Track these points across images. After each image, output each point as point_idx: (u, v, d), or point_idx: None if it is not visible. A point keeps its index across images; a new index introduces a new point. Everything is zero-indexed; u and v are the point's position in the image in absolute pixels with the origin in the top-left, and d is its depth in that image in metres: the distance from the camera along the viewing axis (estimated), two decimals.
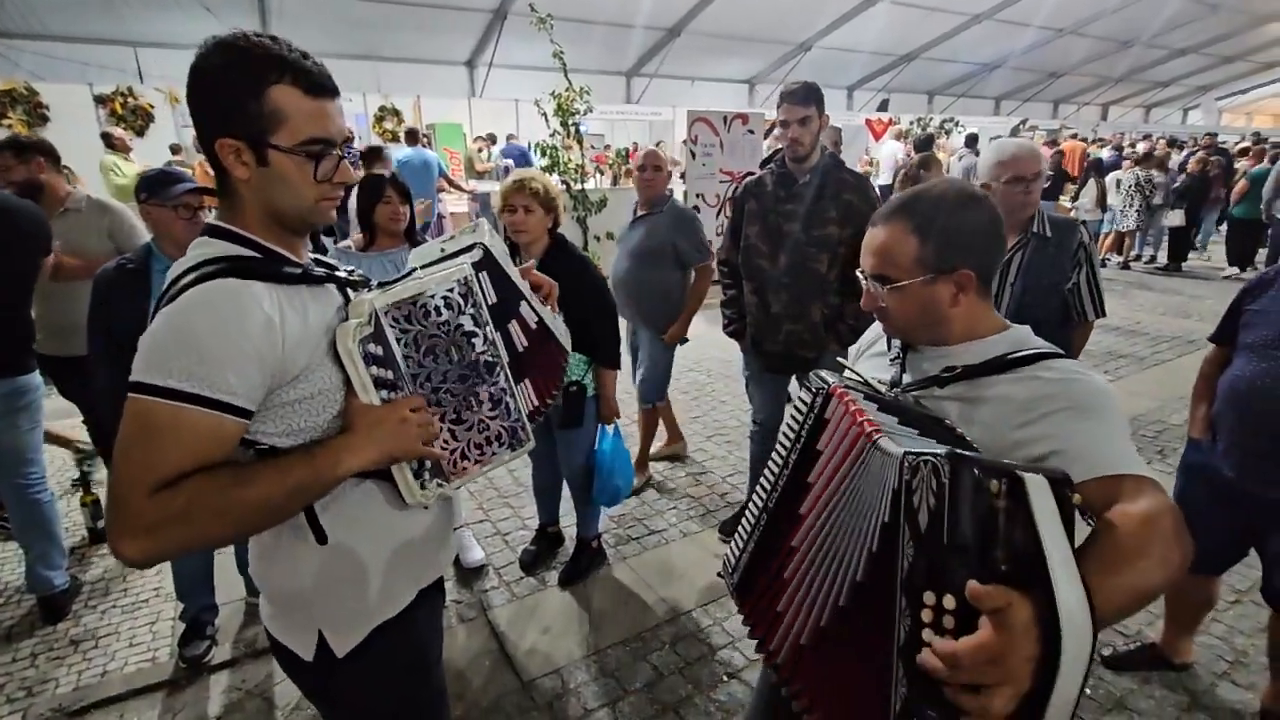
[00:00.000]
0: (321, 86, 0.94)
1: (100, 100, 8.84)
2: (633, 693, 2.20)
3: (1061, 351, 1.04)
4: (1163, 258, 9.53)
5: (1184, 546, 0.83)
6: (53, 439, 3.33)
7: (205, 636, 2.36)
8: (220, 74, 0.89)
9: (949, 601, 0.70)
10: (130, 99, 8.88)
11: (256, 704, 2.17)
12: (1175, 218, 9.05)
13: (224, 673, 2.30)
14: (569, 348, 1.36)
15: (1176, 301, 7.52)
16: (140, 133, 8.15)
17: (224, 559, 2.52)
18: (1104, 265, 9.46)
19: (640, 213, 3.25)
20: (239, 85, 0.89)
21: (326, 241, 3.73)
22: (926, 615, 0.72)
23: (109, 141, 6.73)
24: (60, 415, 4.20)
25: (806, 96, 2.37)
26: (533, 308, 1.28)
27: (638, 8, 12.18)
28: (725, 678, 2.25)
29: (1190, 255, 9.58)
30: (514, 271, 1.25)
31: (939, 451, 0.74)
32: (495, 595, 2.68)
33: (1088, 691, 2.18)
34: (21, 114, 8.24)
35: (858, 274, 1.13)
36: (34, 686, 2.24)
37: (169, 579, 2.52)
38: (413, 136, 7.55)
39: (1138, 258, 9.79)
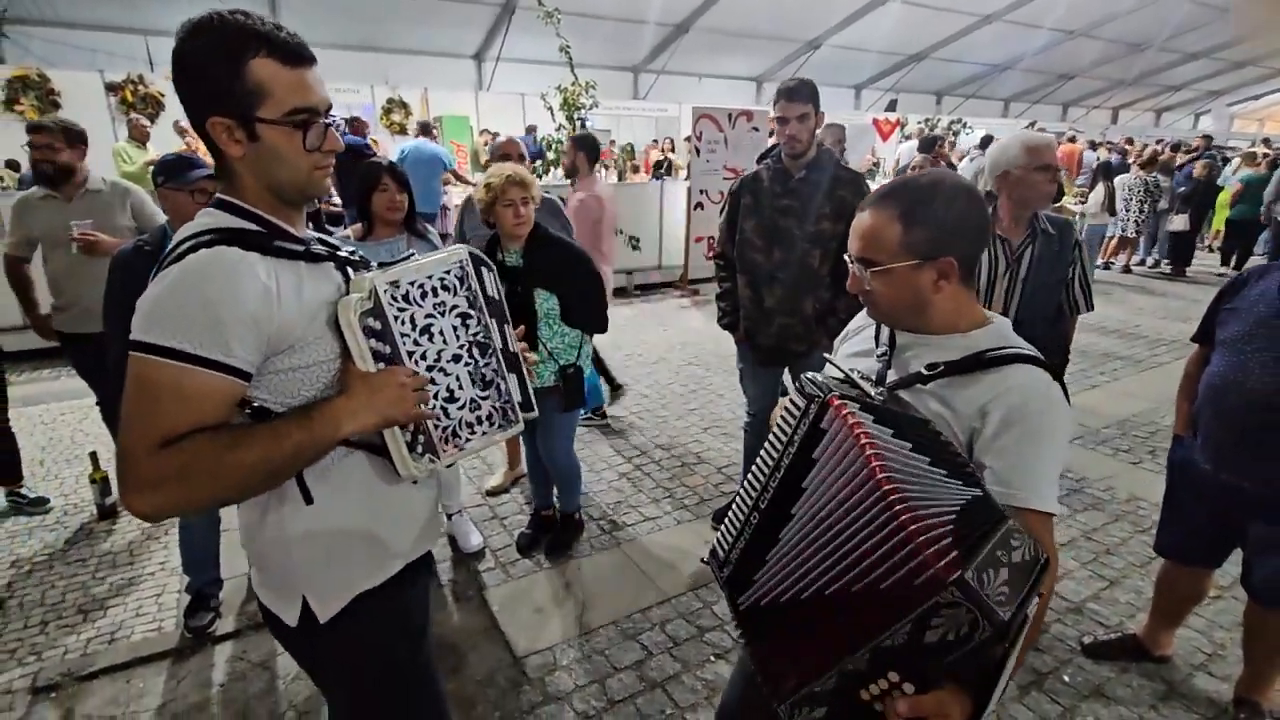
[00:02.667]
0: (298, 56, 0.96)
1: (111, 88, 8.91)
2: (621, 670, 2.26)
3: (1039, 356, 1.09)
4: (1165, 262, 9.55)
5: (1049, 588, 1.00)
6: None
7: (210, 609, 2.44)
8: (200, 55, 0.92)
9: (908, 688, 0.89)
10: (141, 87, 8.96)
11: (259, 674, 2.25)
12: (1179, 222, 9.05)
13: (227, 644, 2.38)
14: (517, 416, 1.31)
15: (1178, 305, 7.54)
16: (151, 120, 8.21)
17: (229, 535, 2.59)
18: (1106, 269, 9.48)
19: None
20: (220, 64, 0.92)
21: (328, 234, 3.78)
22: (883, 683, 0.91)
23: (130, 130, 6.81)
24: (74, 395, 4.31)
25: (803, 93, 2.42)
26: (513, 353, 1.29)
27: (646, 3, 12.20)
28: (713, 658, 2.32)
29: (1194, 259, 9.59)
30: (508, 321, 1.26)
31: (982, 603, 0.81)
32: (491, 576, 2.75)
33: (1066, 679, 2.24)
34: (33, 100, 8.31)
35: (845, 257, 1.18)
36: (44, 653, 2.31)
37: (174, 553, 2.59)
38: (425, 129, 7.68)
39: (1141, 262, 9.79)
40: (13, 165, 6.87)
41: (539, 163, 9.42)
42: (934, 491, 0.91)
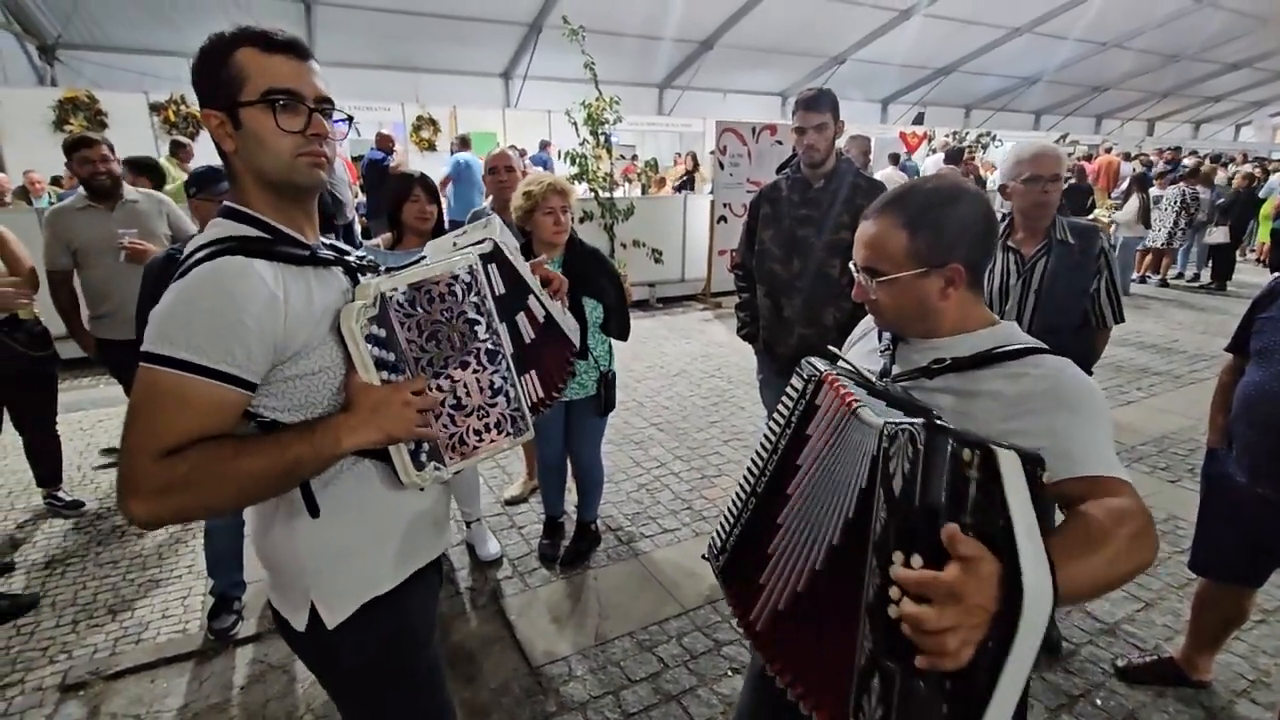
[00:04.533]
0: (282, 45, 0.99)
1: (155, 108, 9.27)
2: (637, 682, 2.24)
3: (1046, 347, 1.06)
4: (1205, 275, 9.28)
5: (1150, 547, 0.87)
6: None
7: (233, 611, 2.48)
8: (200, 59, 0.99)
9: (916, 561, 0.74)
10: (183, 107, 9.30)
11: (278, 677, 2.27)
12: (1219, 235, 8.80)
13: (249, 646, 2.41)
14: (578, 343, 1.36)
15: (1219, 320, 7.30)
16: (191, 138, 8.51)
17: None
18: (1143, 282, 9.24)
19: (506, 218, 3.15)
20: (212, 62, 0.98)
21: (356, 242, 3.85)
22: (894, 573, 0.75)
23: (176, 150, 7.06)
24: (111, 403, 4.44)
25: (822, 103, 2.41)
26: (541, 303, 1.28)
27: (671, 20, 12.33)
28: (729, 672, 2.28)
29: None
30: (524, 266, 1.25)
31: (917, 421, 0.78)
32: (508, 585, 2.75)
33: (1098, 702, 2.16)
34: (82, 120, 8.68)
35: (850, 266, 1.16)
36: (74, 651, 2.37)
37: (200, 557, 2.64)
38: (465, 143, 7.93)
39: (1179, 276, 9.53)
40: (56, 182, 7.16)
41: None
42: None
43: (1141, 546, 0.86)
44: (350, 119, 1.12)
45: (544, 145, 10.81)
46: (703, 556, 1.24)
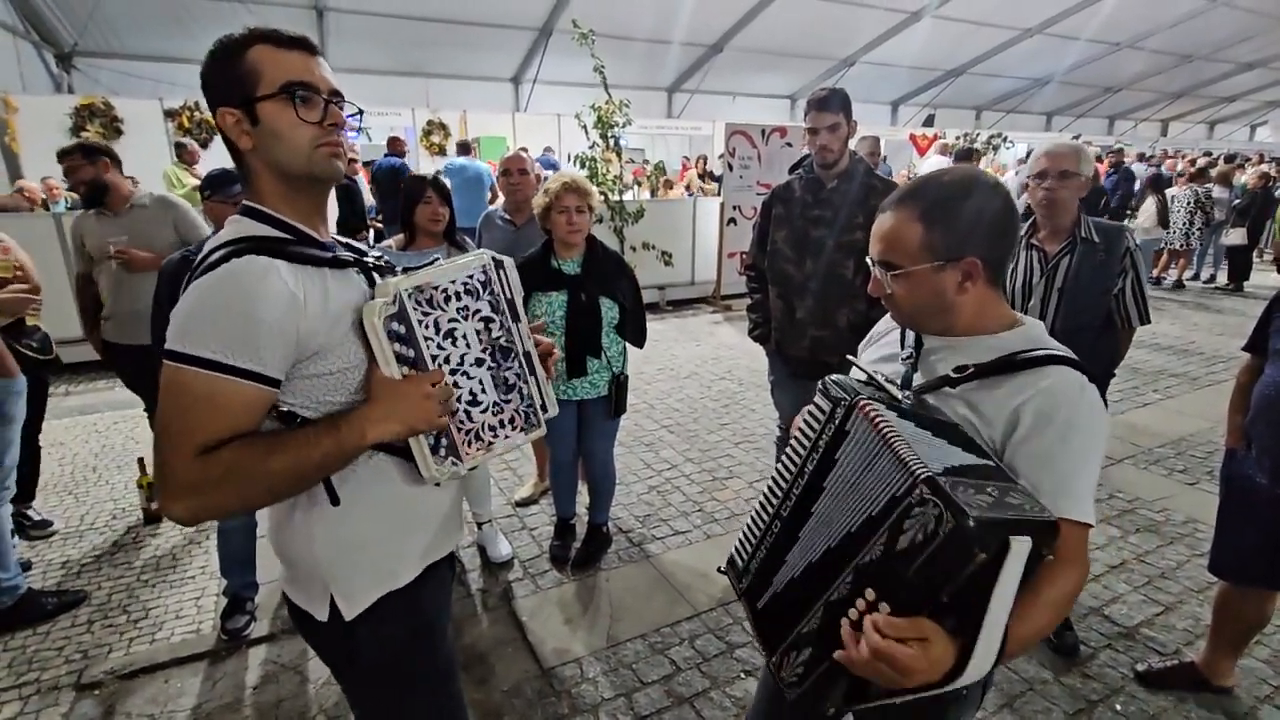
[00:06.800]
0: (292, 40, 1.01)
1: (170, 114, 9.38)
2: (649, 685, 2.22)
3: (1073, 356, 1.04)
4: (1222, 277, 9.17)
5: (1071, 605, 1.02)
6: None
7: (245, 612, 2.49)
8: (211, 61, 1.01)
9: (884, 608, 0.85)
10: (196, 113, 9.41)
11: (290, 677, 2.27)
12: (1236, 236, 8.68)
13: (262, 647, 2.42)
14: (551, 412, 1.30)
15: (1236, 322, 7.21)
16: (204, 145, 8.60)
17: (265, 540, 2.65)
18: (1157, 284, 9.14)
19: (519, 221, 3.18)
20: (224, 61, 0.99)
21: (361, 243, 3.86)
22: (861, 604, 0.88)
23: (180, 153, 7.12)
24: (126, 405, 4.48)
25: (834, 103, 2.40)
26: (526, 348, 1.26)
27: (680, 24, 12.36)
28: (742, 674, 2.26)
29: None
30: (523, 320, 1.24)
31: (949, 500, 0.80)
32: (520, 587, 2.75)
33: (1118, 707, 2.13)
34: (99, 126, 8.80)
35: (866, 260, 1.15)
36: (90, 651, 2.38)
37: (214, 558, 2.65)
38: (465, 148, 7.94)
39: (1195, 277, 9.42)
40: (74, 189, 7.26)
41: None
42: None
43: (1067, 606, 1.01)
44: (360, 112, 1.13)
45: (547, 150, 10.88)
46: (720, 570, 1.24)
